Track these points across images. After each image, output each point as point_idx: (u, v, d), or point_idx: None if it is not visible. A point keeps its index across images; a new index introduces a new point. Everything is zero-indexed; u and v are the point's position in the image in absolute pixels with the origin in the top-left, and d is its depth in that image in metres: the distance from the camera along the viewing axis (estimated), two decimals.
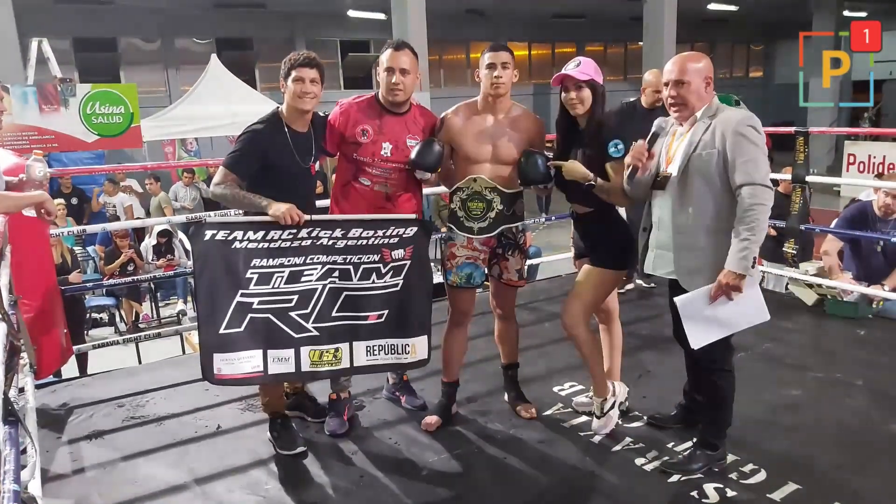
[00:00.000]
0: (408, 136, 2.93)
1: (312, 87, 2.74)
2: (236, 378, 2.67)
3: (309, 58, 2.78)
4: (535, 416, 3.11)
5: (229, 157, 2.76)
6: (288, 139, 2.77)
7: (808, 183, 4.80)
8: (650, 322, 4.33)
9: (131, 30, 16.26)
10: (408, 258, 2.82)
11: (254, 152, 2.73)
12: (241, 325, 2.61)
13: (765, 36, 25.82)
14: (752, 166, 2.37)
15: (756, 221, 2.35)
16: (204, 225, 2.59)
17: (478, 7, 18.48)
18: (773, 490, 2.50)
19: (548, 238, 9.62)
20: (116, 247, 7.64)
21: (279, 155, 2.75)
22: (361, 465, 2.78)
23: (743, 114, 2.47)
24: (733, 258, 2.38)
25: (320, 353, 2.76)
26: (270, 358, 2.68)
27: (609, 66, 23.70)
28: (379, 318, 2.82)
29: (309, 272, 2.70)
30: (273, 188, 2.70)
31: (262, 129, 2.76)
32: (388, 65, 2.85)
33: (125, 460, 2.88)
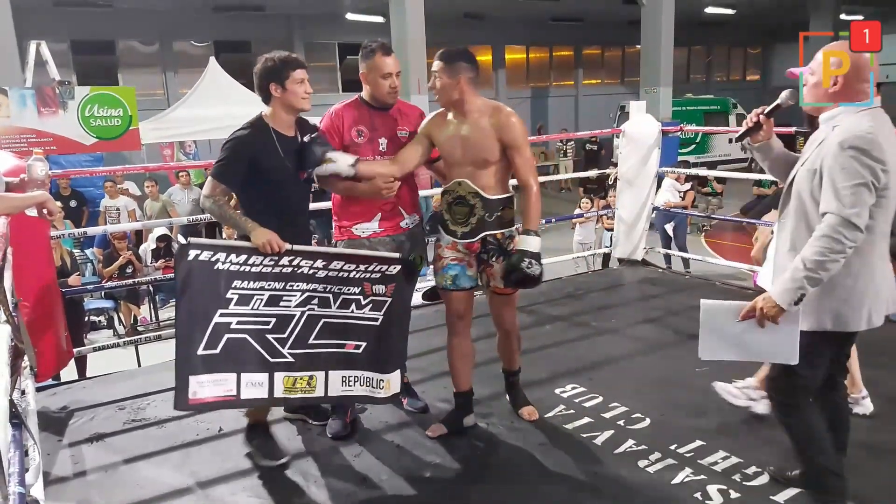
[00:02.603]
0: (398, 128, 3.02)
1: (310, 88, 2.73)
2: (208, 402, 2.58)
3: (300, 58, 2.75)
4: (536, 417, 3.10)
5: (216, 166, 2.69)
6: (276, 144, 2.70)
7: None
8: (654, 324, 4.33)
9: (129, 32, 16.28)
10: (389, 295, 2.78)
11: (241, 159, 2.65)
12: (217, 346, 2.55)
13: (762, 39, 25.90)
14: (846, 195, 2.02)
15: (824, 256, 2.04)
16: (188, 245, 2.54)
17: (476, 11, 18.51)
18: (776, 492, 2.49)
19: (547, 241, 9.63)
20: (115, 249, 7.63)
21: (268, 160, 2.68)
22: (363, 468, 2.77)
23: (853, 129, 2.07)
24: (781, 285, 2.13)
25: (294, 380, 2.70)
26: (244, 382, 2.60)
27: (607, 69, 23.78)
28: (356, 348, 2.78)
29: (288, 297, 2.65)
30: (264, 194, 2.67)
31: (247, 135, 2.68)
32: (387, 70, 2.90)
33: (127, 463, 2.87)
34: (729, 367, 3.59)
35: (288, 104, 2.71)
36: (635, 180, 5.46)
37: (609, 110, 19.10)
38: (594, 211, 8.40)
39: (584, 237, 8.53)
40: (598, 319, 4.46)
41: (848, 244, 2.03)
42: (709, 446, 2.80)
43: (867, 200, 2.04)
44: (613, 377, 3.54)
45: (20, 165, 3.18)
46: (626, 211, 5.57)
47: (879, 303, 2.20)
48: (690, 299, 4.77)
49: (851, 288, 2.16)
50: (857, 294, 2.17)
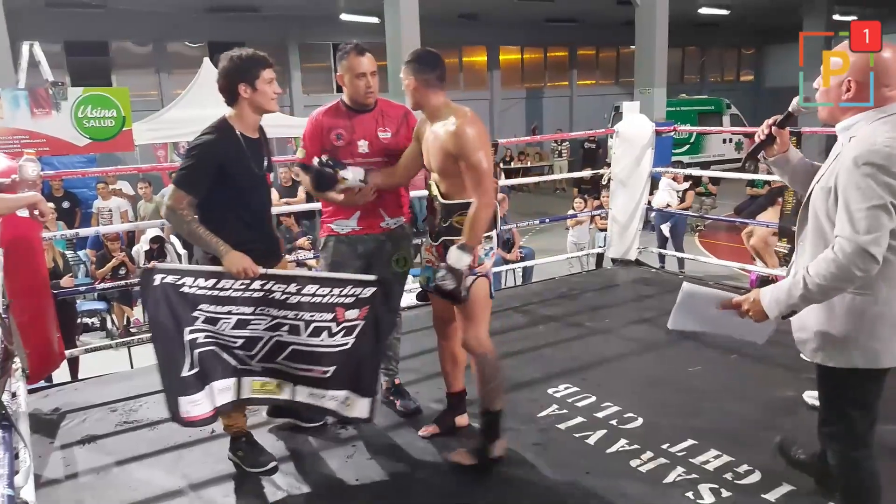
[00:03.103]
0: (379, 129, 3.01)
1: (279, 88, 2.65)
2: (197, 419, 2.55)
3: (267, 56, 2.60)
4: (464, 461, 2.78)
5: (180, 174, 2.55)
6: (242, 147, 2.58)
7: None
8: (647, 324, 4.34)
9: (123, 33, 16.24)
10: (361, 319, 2.68)
11: (208, 166, 2.51)
12: (195, 364, 2.51)
13: (755, 40, 25.98)
14: (860, 218, 1.79)
15: (827, 282, 1.82)
16: (153, 270, 2.47)
17: (470, 11, 18.51)
18: (767, 491, 2.51)
19: (542, 241, 9.64)
20: (107, 251, 7.60)
21: (235, 165, 2.55)
22: (356, 469, 2.77)
23: (868, 142, 1.84)
24: (773, 294, 1.94)
25: (262, 383, 2.67)
26: (216, 390, 2.57)
27: (601, 70, 23.82)
28: (324, 373, 2.69)
29: (257, 322, 2.58)
30: (229, 201, 2.57)
31: (214, 140, 2.53)
32: (361, 70, 2.90)
33: (119, 465, 2.86)
34: (727, 369, 3.62)
35: (257, 105, 2.59)
36: (629, 181, 5.47)
37: (604, 111, 19.13)
38: (587, 211, 8.41)
39: (579, 238, 8.55)
40: (591, 319, 4.46)
41: (858, 275, 1.80)
42: (701, 445, 2.81)
43: (886, 224, 1.79)
44: (606, 377, 3.55)
45: (11, 166, 3.17)
46: (620, 211, 5.58)
47: None
48: None
49: (880, 318, 1.91)
50: (889, 325, 1.91)
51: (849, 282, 1.83)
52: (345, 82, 2.97)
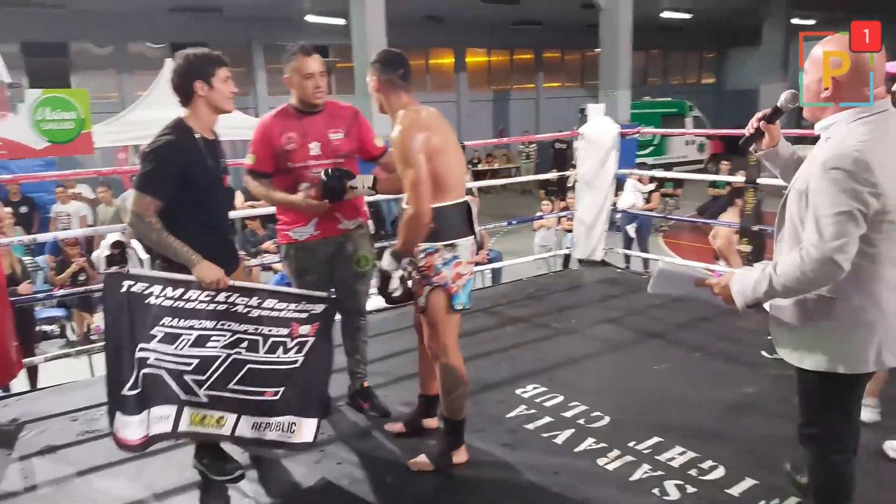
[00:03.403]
0: (330, 130, 3.01)
1: (235, 87, 2.59)
2: (135, 443, 2.45)
3: (222, 56, 2.54)
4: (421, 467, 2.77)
5: (143, 178, 2.44)
6: (201, 148, 2.53)
7: (760, 185, 4.93)
8: (613, 323, 4.38)
9: (83, 34, 15.92)
10: (311, 335, 2.67)
11: (171, 168, 2.44)
12: (138, 383, 2.42)
13: (717, 43, 26.50)
14: (826, 225, 1.76)
15: (792, 285, 1.83)
16: (122, 276, 2.40)
17: (437, 14, 18.54)
18: (731, 485, 2.55)
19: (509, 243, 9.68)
20: (67, 256, 7.43)
21: (196, 165, 2.49)
22: (324, 474, 2.75)
23: (839, 145, 1.81)
24: (741, 285, 1.95)
25: (203, 417, 2.56)
26: (152, 417, 2.47)
27: (567, 72, 24.05)
28: (275, 394, 2.63)
29: (217, 338, 2.52)
30: (190, 205, 2.50)
31: (174, 141, 2.46)
32: (308, 71, 2.90)
33: (80, 476, 2.79)
34: (692, 367, 3.67)
35: (213, 104, 2.53)
36: (594, 182, 5.53)
37: (569, 113, 19.31)
38: (554, 213, 8.47)
39: (545, 239, 8.61)
40: (558, 320, 4.50)
41: (822, 282, 1.81)
42: (666, 443, 2.85)
43: (852, 231, 1.76)
44: (574, 377, 3.58)
45: None
46: (586, 212, 5.63)
47: (892, 339, 1.89)
48: (648, 299, 4.82)
49: (855, 325, 1.88)
50: (863, 331, 1.88)
51: (813, 287, 1.83)
52: (293, 84, 2.96)
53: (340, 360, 3.52)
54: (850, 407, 2.02)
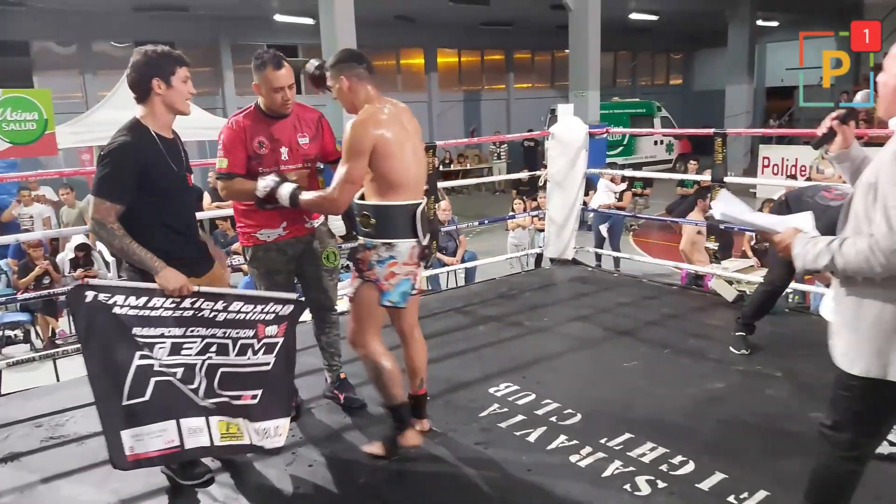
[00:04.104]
0: (298, 135, 3.02)
1: (193, 89, 2.54)
2: (151, 457, 2.35)
3: (183, 55, 2.50)
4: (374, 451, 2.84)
5: (100, 183, 2.35)
6: (160, 147, 2.46)
7: (726, 184, 5.01)
8: (584, 321, 4.42)
9: (45, 33, 15.54)
10: (280, 336, 2.67)
11: (129, 170, 2.36)
12: (145, 392, 2.33)
13: (684, 45, 26.89)
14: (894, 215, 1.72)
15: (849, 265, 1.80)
16: (83, 287, 2.29)
17: (407, 14, 18.51)
18: (701, 480, 2.58)
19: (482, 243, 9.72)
20: (30, 259, 7.26)
21: (155, 166, 2.43)
22: (296, 478, 2.72)
23: None
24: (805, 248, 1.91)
25: (227, 425, 2.53)
26: (184, 429, 2.40)
27: (537, 73, 24.19)
28: (253, 398, 2.61)
29: (189, 346, 2.45)
30: (152, 207, 2.44)
31: (130, 142, 2.38)
32: (278, 84, 2.90)
33: (44, 483, 2.73)
34: (662, 363, 3.72)
35: (170, 103, 2.47)
36: (564, 182, 5.57)
37: (540, 113, 19.44)
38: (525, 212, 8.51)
39: (518, 238, 8.64)
40: (530, 318, 4.52)
41: (886, 274, 1.76)
42: (637, 439, 2.87)
43: None
44: (546, 375, 3.59)
45: None
46: (557, 211, 5.67)
47: None
48: (618, 297, 4.90)
49: None
50: None
51: (873, 274, 1.79)
52: (261, 93, 2.95)
53: (308, 363, 3.51)
54: (882, 417, 1.98)
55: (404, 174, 2.66)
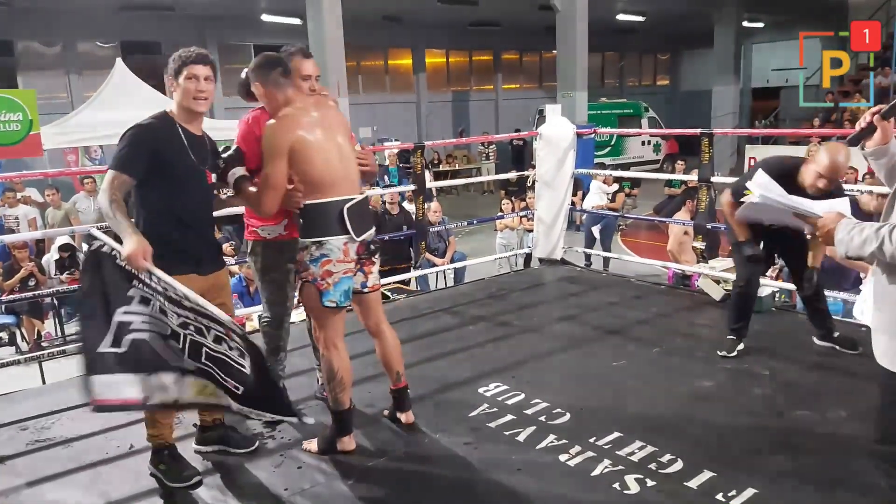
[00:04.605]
0: None
1: (207, 86, 2.58)
2: (114, 403, 2.41)
3: (201, 54, 2.59)
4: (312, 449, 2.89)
5: (115, 157, 2.48)
6: (182, 137, 2.57)
7: (713, 183, 5.05)
8: (573, 321, 4.43)
9: (29, 33, 15.39)
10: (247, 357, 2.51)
11: (144, 147, 2.48)
12: (121, 344, 2.39)
13: (671, 46, 27.03)
14: None
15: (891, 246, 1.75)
16: (95, 235, 2.43)
17: (394, 14, 18.49)
18: (689, 478, 2.59)
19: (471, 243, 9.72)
20: (15, 261, 7.19)
21: (173, 152, 2.53)
22: (285, 479, 2.71)
23: None
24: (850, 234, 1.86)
25: (203, 386, 2.52)
26: (153, 383, 2.44)
27: (525, 74, 24.24)
28: (236, 389, 2.52)
29: (170, 314, 2.44)
30: (165, 194, 2.52)
31: (151, 125, 2.54)
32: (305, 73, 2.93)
33: (30, 486, 2.70)
34: (650, 362, 3.73)
35: (178, 100, 2.59)
36: (553, 182, 5.59)
37: (528, 114, 19.48)
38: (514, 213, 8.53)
39: (507, 239, 8.66)
40: (520, 318, 4.53)
41: None
42: (625, 437, 2.88)
43: None
44: (535, 374, 3.60)
45: None
46: (545, 212, 5.69)
47: None
48: (607, 296, 4.92)
49: None
50: None
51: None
52: None
53: (298, 364, 3.50)
54: None
55: (328, 173, 2.67)
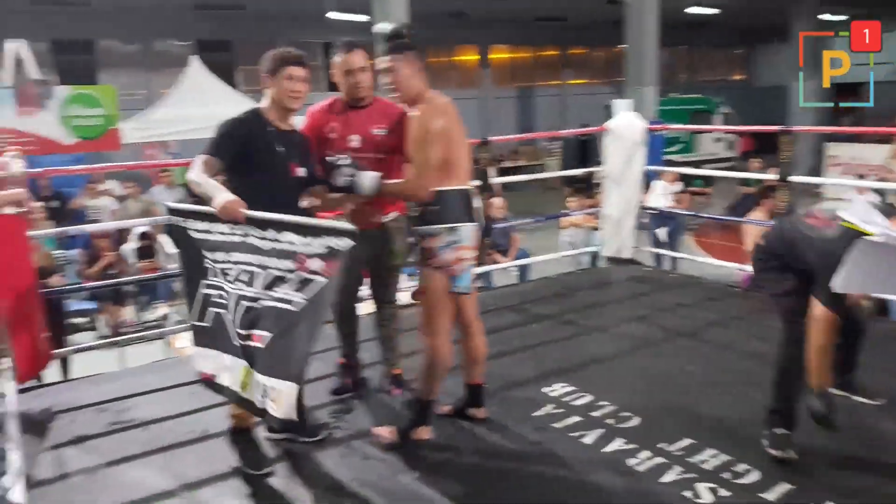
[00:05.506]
0: (374, 126, 3.06)
1: (304, 87, 2.72)
2: (203, 376, 2.63)
3: (300, 57, 2.74)
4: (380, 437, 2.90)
5: (208, 143, 2.64)
6: (271, 133, 2.70)
7: (792, 183, 4.84)
8: (642, 322, 4.33)
9: (109, 32, 16.10)
10: (324, 275, 2.29)
11: (234, 137, 2.63)
12: (205, 318, 2.54)
13: (746, 40, 26.09)
14: None
15: None
16: (169, 209, 2.65)
17: (460, 10, 18.49)
18: (765, 489, 2.49)
19: (534, 240, 9.63)
20: (98, 250, 7.52)
21: (261, 145, 2.65)
22: (351, 469, 2.74)
23: None
24: None
25: (246, 372, 2.44)
26: (221, 364, 2.52)
27: (592, 69, 23.86)
28: (261, 340, 2.37)
29: (227, 272, 2.47)
30: (251, 185, 2.58)
31: (243, 119, 2.70)
32: (347, 67, 3.02)
33: (110, 466, 2.81)
34: (724, 367, 3.61)
35: (274, 98, 2.72)
36: (621, 179, 5.47)
37: (595, 110, 19.10)
38: (581, 210, 8.38)
39: (572, 237, 8.52)
40: (586, 318, 4.45)
41: None
42: (698, 444, 2.79)
43: None
44: (602, 376, 3.53)
45: None
46: (613, 209, 5.57)
47: None
48: (678, 297, 4.78)
49: None
50: None
51: None
52: (337, 79, 3.07)
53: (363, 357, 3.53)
54: None
55: (460, 160, 2.76)
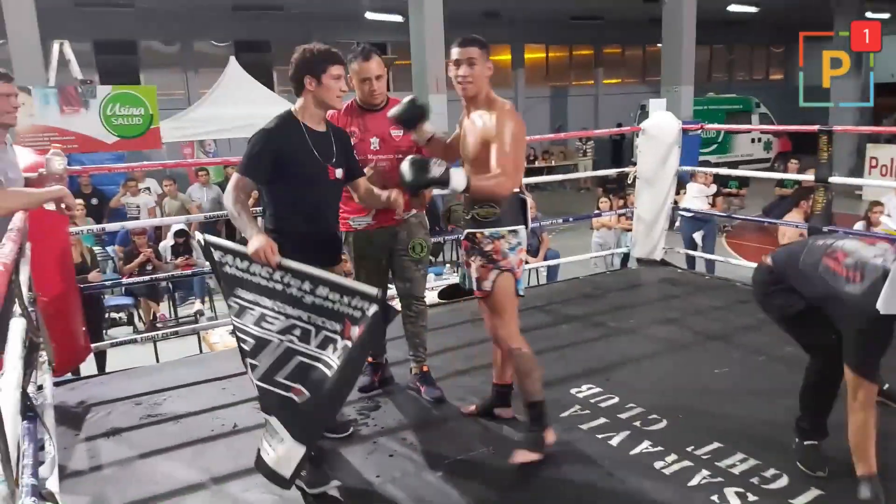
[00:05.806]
0: (391, 127, 3.09)
1: (346, 85, 2.68)
2: None
3: (340, 55, 2.66)
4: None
5: (241, 162, 2.59)
6: (306, 136, 2.60)
7: (830, 184, 4.73)
8: (673, 324, 4.27)
9: (151, 32, 16.47)
10: (356, 341, 2.30)
11: (266, 152, 2.53)
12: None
13: (785, 38, 25.51)
14: None
15: None
16: (208, 242, 2.47)
17: (495, 9, 18.45)
18: (794, 496, 2.44)
19: (566, 241, 9.57)
20: (135, 246, 7.70)
21: (295, 152, 2.57)
22: (377, 466, 2.76)
23: None
24: None
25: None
26: None
27: (627, 68, 23.60)
28: (299, 395, 2.32)
29: (272, 320, 2.39)
30: (291, 193, 2.59)
31: (274, 128, 2.59)
32: (363, 76, 3.04)
33: (142, 458, 2.88)
34: (755, 371, 3.55)
35: (320, 100, 2.62)
36: (654, 179, 5.40)
37: (629, 109, 18.94)
38: (613, 211, 8.31)
39: (604, 238, 8.45)
40: (615, 319, 4.41)
41: None
42: (726, 448, 2.75)
43: None
44: (630, 378, 3.50)
45: (38, 161, 3.22)
46: (646, 210, 5.51)
47: None
48: (710, 300, 4.71)
49: None
50: None
51: None
52: (352, 85, 3.07)
53: (392, 355, 3.55)
54: None
55: (523, 166, 2.82)
